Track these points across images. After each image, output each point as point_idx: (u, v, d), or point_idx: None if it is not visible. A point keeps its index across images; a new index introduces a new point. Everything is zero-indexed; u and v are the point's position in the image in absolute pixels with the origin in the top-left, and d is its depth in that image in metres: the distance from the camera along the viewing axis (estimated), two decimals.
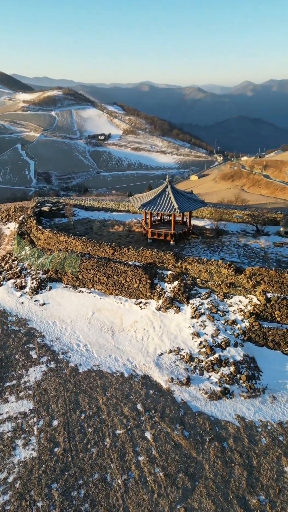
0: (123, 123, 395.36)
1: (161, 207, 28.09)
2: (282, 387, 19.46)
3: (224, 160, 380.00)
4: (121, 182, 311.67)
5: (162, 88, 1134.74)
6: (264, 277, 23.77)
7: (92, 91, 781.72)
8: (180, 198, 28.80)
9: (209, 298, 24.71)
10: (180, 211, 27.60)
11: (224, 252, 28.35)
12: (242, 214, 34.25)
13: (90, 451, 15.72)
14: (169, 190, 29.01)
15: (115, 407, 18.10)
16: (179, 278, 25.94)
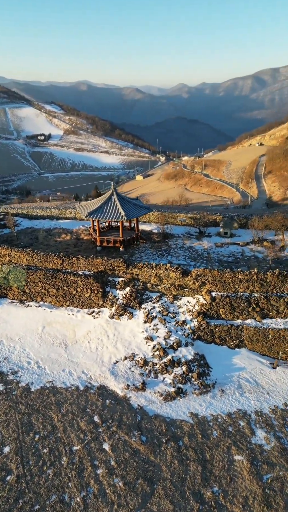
0: (63, 123, 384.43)
1: (108, 214, 28.28)
2: (229, 380, 21.02)
3: (166, 160, 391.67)
4: (66, 183, 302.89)
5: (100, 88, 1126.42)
6: (209, 278, 25.37)
7: (27, 89, 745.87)
8: (127, 205, 29.28)
9: (160, 301, 25.61)
10: (127, 218, 28.10)
11: (172, 255, 29.56)
12: (185, 218, 35.91)
13: (46, 473, 15.40)
14: (115, 198, 29.32)
15: (71, 423, 17.93)
16: (131, 284, 26.44)
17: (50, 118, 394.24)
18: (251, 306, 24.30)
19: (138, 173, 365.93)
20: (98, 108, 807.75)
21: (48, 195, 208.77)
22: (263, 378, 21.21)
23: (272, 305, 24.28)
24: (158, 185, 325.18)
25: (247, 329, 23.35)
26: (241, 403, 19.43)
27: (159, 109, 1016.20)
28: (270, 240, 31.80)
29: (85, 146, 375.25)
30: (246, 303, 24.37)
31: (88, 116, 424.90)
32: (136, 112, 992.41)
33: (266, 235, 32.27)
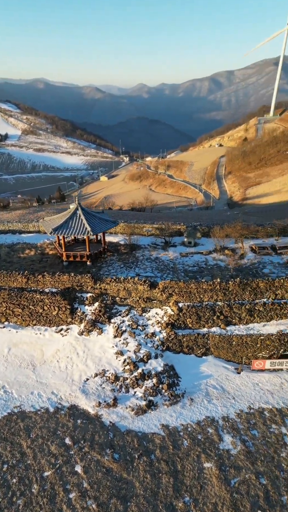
0: (21, 123, 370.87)
1: (74, 230, 28.16)
2: (197, 388, 22.03)
3: (130, 161, 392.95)
4: (27, 185, 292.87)
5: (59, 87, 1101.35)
6: (175, 289, 26.27)
7: None
8: (92, 220, 29.34)
9: (129, 314, 26.06)
10: (94, 233, 28.17)
11: (139, 267, 30.10)
12: (151, 228, 36.65)
13: (16, 504, 15.23)
14: (80, 212, 29.25)
15: (41, 448, 17.83)
16: (99, 299, 26.60)
17: (6, 117, 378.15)
18: (216, 315, 25.57)
19: (102, 174, 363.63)
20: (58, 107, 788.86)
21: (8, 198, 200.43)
22: (229, 383, 22.47)
23: (234, 313, 25.73)
24: (123, 186, 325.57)
25: (212, 337, 24.54)
26: (209, 410, 20.48)
27: (120, 108, 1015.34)
28: (231, 248, 33.46)
29: (45, 147, 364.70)
30: (211, 312, 25.60)
31: (48, 116, 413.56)
32: (97, 111, 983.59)
33: (227, 243, 33.93)
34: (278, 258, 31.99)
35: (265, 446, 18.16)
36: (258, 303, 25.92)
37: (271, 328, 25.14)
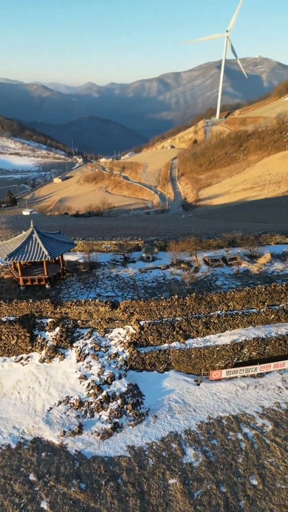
0: None
1: (30, 255, 27.68)
2: (161, 404, 23.11)
3: (84, 162, 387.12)
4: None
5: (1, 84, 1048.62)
6: (136, 308, 27.12)
7: None
8: (49, 243, 29.05)
9: (92, 336, 26.37)
10: (51, 257, 27.94)
11: (100, 286, 30.46)
12: (110, 245, 37.11)
13: None
14: (36, 236, 28.81)
15: (3, 488, 17.55)
16: (60, 323, 26.53)
17: None
18: (175, 330, 26.91)
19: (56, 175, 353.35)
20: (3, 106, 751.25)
21: None
22: (189, 396, 23.89)
23: (192, 326, 27.28)
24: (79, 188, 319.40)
25: (173, 352, 25.83)
26: (172, 425, 21.66)
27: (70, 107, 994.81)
28: (187, 262, 35.18)
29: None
30: (171, 328, 26.89)
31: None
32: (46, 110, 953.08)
33: (182, 256, 35.61)
34: (228, 269, 34.38)
35: (223, 454, 19.77)
36: (213, 315, 27.76)
37: (225, 338, 27.10)
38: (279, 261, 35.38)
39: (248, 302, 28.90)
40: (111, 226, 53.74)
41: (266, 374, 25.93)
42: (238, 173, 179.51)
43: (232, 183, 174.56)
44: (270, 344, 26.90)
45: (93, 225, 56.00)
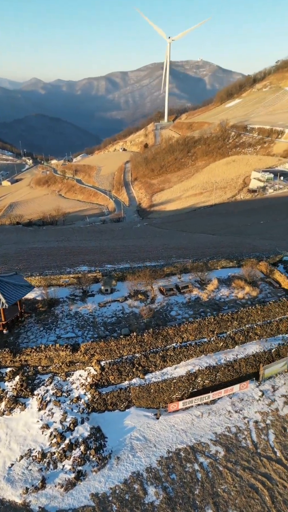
0: None
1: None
2: (123, 445, 24.47)
3: (34, 163, 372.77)
4: None
5: None
6: (97, 349, 28.15)
7: None
8: (6, 288, 28.72)
9: (53, 382, 26.83)
10: (9, 305, 27.77)
11: (59, 327, 30.87)
12: (68, 279, 37.42)
13: None
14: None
15: None
16: (20, 372, 26.59)
17: None
18: (135, 367, 28.44)
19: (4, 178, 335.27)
20: None
21: None
22: (150, 431, 25.60)
23: (150, 361, 29.05)
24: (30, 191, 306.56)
25: (133, 389, 27.34)
26: (134, 465, 23.13)
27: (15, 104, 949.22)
28: (143, 292, 36.93)
29: None
30: (131, 365, 28.36)
31: None
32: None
33: (139, 287, 37.25)
34: (182, 297, 36.83)
35: (182, 488, 21.78)
36: (169, 348, 29.82)
37: (181, 370, 29.31)
38: (225, 287, 38.70)
39: (200, 333, 31.48)
40: (68, 250, 53.53)
41: (218, 400, 28.65)
42: (188, 178, 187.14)
43: (183, 188, 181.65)
44: (220, 371, 29.71)
45: (49, 249, 55.21)
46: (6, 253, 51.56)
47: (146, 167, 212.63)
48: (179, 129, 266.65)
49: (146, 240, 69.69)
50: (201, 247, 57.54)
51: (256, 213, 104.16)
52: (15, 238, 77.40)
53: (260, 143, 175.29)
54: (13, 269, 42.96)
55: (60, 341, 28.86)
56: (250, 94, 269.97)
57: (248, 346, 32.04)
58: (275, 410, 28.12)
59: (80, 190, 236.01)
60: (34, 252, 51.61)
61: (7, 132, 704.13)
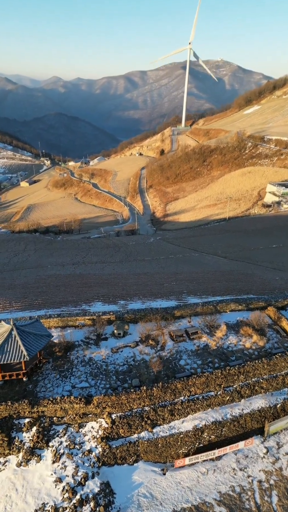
0: None
1: (10, 355, 29.22)
2: (130, 501, 26.04)
3: (52, 164, 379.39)
4: None
5: None
6: (108, 403, 29.87)
7: None
8: (27, 339, 30.70)
9: (66, 433, 28.69)
10: (30, 357, 29.77)
11: (74, 375, 32.72)
12: (84, 321, 39.29)
13: None
14: (15, 333, 30.38)
15: None
16: (37, 423, 28.57)
17: None
18: (144, 420, 30.01)
19: (23, 178, 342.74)
20: None
21: None
22: (156, 488, 27.11)
23: (159, 415, 30.56)
24: (47, 193, 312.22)
25: (142, 444, 28.91)
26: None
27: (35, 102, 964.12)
28: (154, 337, 38.41)
29: None
30: (140, 419, 29.94)
31: None
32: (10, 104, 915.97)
33: (151, 331, 38.77)
34: (191, 344, 38.14)
35: None
36: (177, 402, 31.24)
37: (188, 424, 30.68)
38: (233, 333, 39.73)
39: (207, 386, 32.75)
40: (83, 280, 55.46)
41: (223, 456, 29.91)
42: (202, 188, 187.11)
43: (197, 198, 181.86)
44: (226, 426, 30.92)
45: (67, 278, 57.07)
46: (26, 283, 53.97)
47: (161, 174, 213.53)
48: (196, 136, 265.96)
49: (158, 265, 71.03)
50: (212, 279, 58.50)
51: (269, 233, 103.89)
52: (34, 257, 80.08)
53: (277, 155, 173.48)
54: (33, 303, 45.31)
55: (74, 392, 30.71)
56: (269, 101, 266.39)
57: (254, 401, 33.13)
58: (278, 469, 29.18)
59: (96, 195, 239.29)
60: (52, 282, 53.77)
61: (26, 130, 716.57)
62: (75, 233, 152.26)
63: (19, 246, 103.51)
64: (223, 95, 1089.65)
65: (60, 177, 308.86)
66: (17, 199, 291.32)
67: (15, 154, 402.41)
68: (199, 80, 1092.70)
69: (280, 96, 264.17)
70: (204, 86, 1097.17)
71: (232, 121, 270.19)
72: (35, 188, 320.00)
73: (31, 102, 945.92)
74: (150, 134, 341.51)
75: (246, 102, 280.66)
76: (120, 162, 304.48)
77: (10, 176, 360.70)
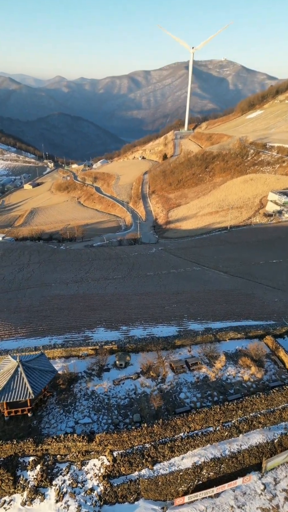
0: None
1: (16, 393, 30.19)
2: None
3: (55, 167, 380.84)
4: None
5: None
6: (110, 440, 30.85)
7: None
8: (33, 375, 31.62)
9: (69, 471, 29.68)
10: (35, 395, 30.76)
11: (77, 410, 33.68)
12: (87, 351, 40.26)
13: None
14: (21, 370, 31.38)
15: None
16: (41, 461, 29.59)
17: None
18: (144, 458, 30.97)
19: (26, 180, 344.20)
20: None
21: None
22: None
23: (159, 452, 31.49)
24: (50, 197, 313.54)
25: (142, 482, 29.84)
26: None
27: (39, 102, 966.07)
28: (155, 367, 39.25)
29: None
30: (140, 456, 30.88)
31: None
32: (13, 104, 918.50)
33: (152, 359, 39.61)
34: (191, 375, 39.04)
35: None
36: (177, 438, 32.17)
37: (187, 461, 31.59)
38: (232, 364, 40.57)
39: (206, 422, 33.66)
40: (86, 302, 56.42)
41: (221, 493, 30.82)
42: (205, 195, 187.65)
43: (199, 205, 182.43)
44: (225, 462, 31.84)
45: (70, 298, 57.92)
46: (31, 305, 55.03)
47: (164, 180, 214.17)
48: (199, 140, 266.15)
49: (160, 283, 71.87)
50: (212, 300, 59.32)
51: (270, 245, 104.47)
52: (38, 272, 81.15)
53: (279, 162, 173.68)
54: (38, 329, 46.37)
55: (77, 428, 31.71)
56: (272, 106, 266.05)
57: (252, 436, 34.02)
58: (275, 506, 30.09)
59: (98, 199, 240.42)
60: (56, 305, 54.72)
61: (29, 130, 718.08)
62: (78, 241, 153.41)
63: (23, 257, 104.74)
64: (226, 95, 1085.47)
65: (63, 180, 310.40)
66: (20, 202, 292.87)
67: (18, 156, 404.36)
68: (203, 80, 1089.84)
69: (283, 100, 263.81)
70: (208, 86, 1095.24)
71: (235, 125, 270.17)
72: (39, 191, 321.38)
73: (35, 101, 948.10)
74: (153, 137, 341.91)
75: (249, 107, 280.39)
76: (123, 166, 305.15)
77: (14, 178, 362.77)
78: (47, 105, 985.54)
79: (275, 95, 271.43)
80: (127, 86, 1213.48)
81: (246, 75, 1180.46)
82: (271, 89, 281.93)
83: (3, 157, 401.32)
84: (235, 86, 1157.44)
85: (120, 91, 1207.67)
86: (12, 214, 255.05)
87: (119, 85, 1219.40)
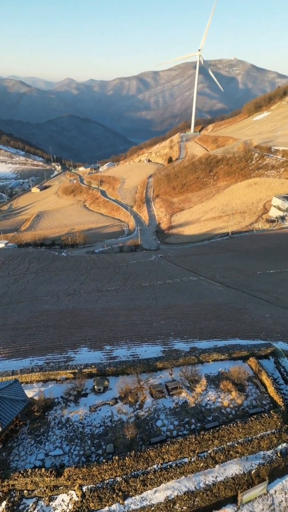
0: None
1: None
2: None
3: (63, 170, 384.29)
4: None
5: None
6: (79, 474, 30.26)
7: None
8: (3, 405, 31.26)
9: (37, 507, 29.15)
10: (3, 427, 30.43)
11: (49, 440, 33.20)
12: (66, 375, 39.80)
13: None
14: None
15: None
16: (7, 497, 29.23)
17: None
18: (115, 492, 30.28)
19: (34, 184, 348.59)
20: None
21: None
22: None
23: (131, 486, 30.72)
24: (57, 200, 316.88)
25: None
26: None
27: (48, 104, 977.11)
28: (133, 392, 38.55)
29: None
30: (111, 491, 30.18)
31: None
32: (24, 106, 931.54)
33: (131, 384, 38.91)
34: (170, 400, 38.09)
35: None
36: (150, 471, 31.35)
37: (160, 494, 30.72)
38: (213, 388, 39.44)
39: (181, 453, 32.70)
40: (74, 318, 56.09)
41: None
42: (208, 199, 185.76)
43: (202, 209, 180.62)
44: (199, 496, 30.83)
45: (58, 315, 57.76)
46: (18, 322, 54.94)
47: (168, 184, 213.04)
48: (204, 142, 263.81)
49: (153, 295, 71.03)
50: (202, 316, 58.17)
51: (269, 254, 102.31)
52: (33, 284, 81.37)
53: (283, 166, 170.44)
54: (20, 350, 46.19)
55: (47, 461, 31.25)
56: (279, 107, 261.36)
57: (228, 466, 32.90)
58: None
59: (103, 203, 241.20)
60: (43, 321, 54.47)
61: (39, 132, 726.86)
62: (80, 247, 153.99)
63: (22, 266, 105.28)
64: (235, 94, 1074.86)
65: (70, 184, 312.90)
66: (28, 205, 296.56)
67: (27, 159, 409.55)
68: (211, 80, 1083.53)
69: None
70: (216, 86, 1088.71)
71: (241, 127, 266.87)
72: (46, 194, 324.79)
73: (45, 104, 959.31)
74: (159, 139, 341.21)
75: (256, 108, 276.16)
76: (128, 169, 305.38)
77: (22, 182, 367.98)
78: (57, 107, 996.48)
79: (283, 96, 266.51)
80: (136, 87, 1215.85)
81: (256, 74, 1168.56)
82: (278, 90, 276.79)
83: (12, 161, 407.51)
84: (244, 85, 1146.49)
85: (129, 92, 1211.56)
86: (19, 217, 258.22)
87: (128, 86, 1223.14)
